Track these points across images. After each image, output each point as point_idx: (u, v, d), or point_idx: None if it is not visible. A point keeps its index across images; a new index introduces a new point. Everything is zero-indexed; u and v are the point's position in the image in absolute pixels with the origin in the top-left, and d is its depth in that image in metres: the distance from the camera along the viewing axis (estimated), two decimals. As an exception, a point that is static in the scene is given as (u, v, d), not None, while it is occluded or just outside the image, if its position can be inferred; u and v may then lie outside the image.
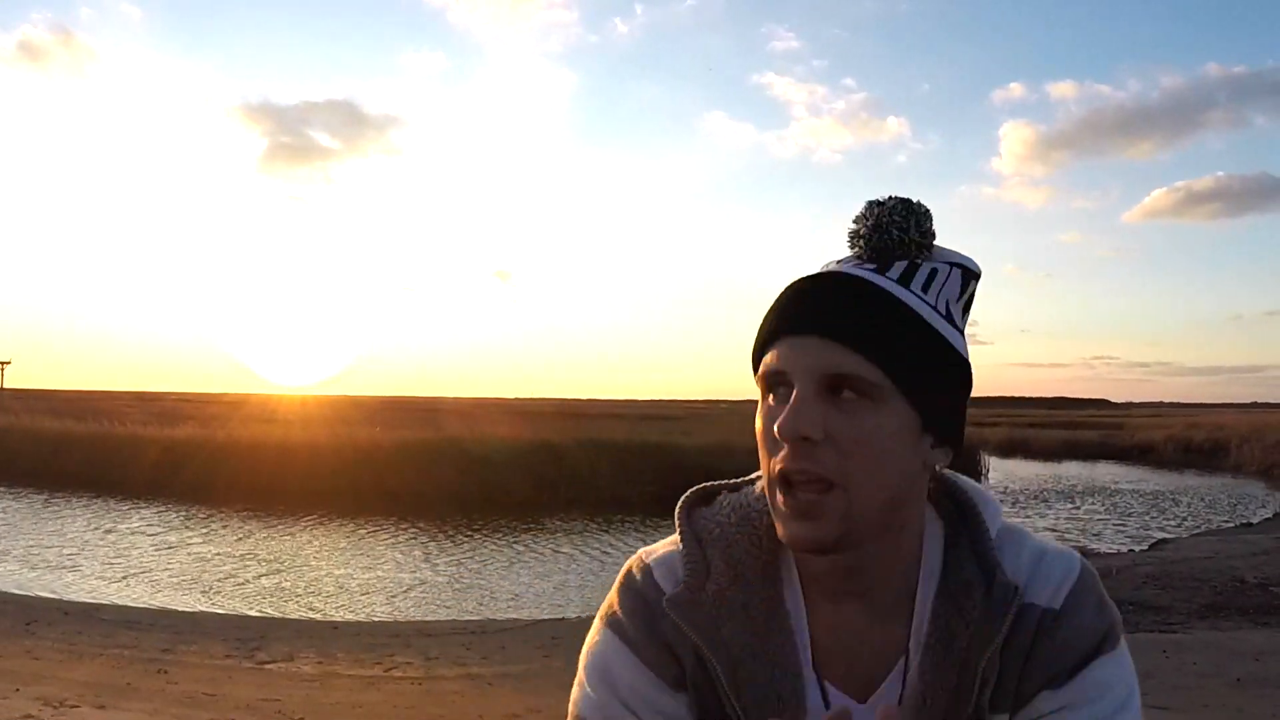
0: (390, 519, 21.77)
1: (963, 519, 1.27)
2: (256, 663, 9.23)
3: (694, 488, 1.35)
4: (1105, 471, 41.55)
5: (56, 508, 22.78)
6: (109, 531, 19.62)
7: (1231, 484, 35.26)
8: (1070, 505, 28.44)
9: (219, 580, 15.11)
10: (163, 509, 22.87)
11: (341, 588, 14.82)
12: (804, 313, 1.14)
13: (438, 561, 17.09)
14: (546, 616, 12.74)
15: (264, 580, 15.25)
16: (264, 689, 7.94)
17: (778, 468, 1.13)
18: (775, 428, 1.12)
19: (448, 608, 13.63)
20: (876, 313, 1.11)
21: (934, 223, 1.22)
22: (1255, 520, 23.91)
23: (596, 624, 1.34)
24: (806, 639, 1.21)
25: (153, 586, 14.61)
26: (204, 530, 20.15)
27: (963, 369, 1.17)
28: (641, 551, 1.33)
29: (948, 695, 1.15)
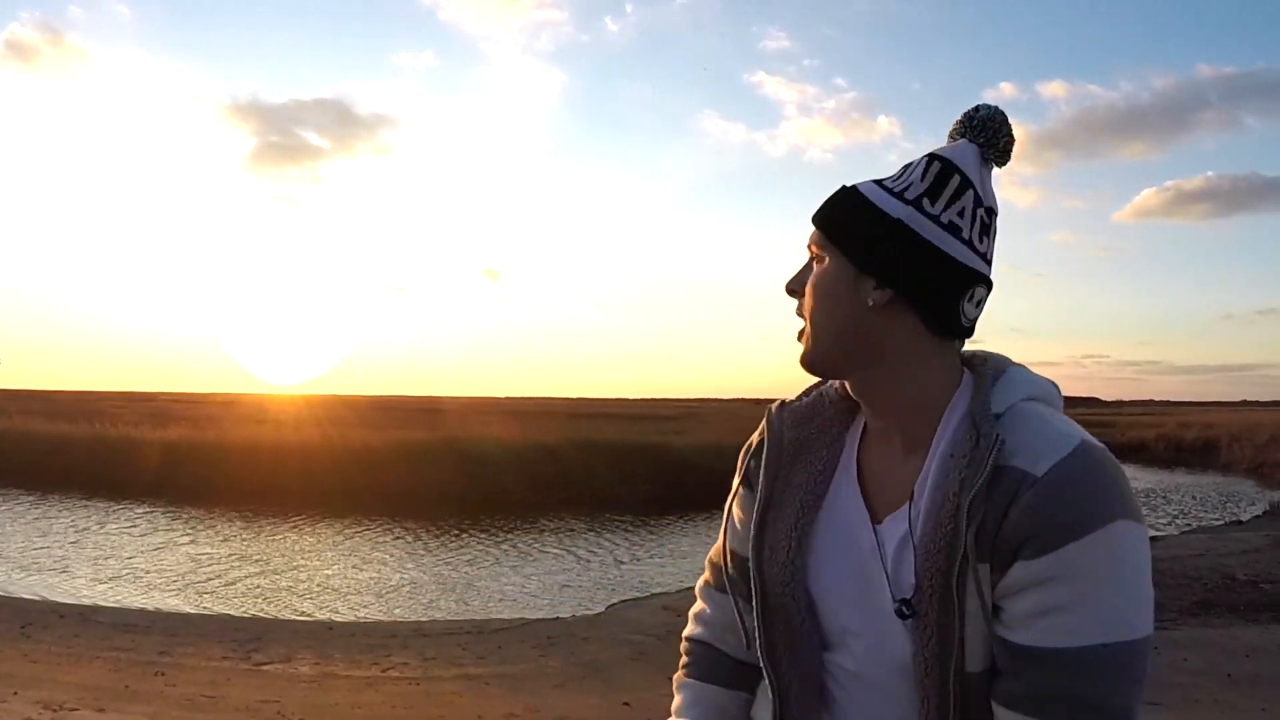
0: (384, 519, 21.80)
1: (979, 382, 1.42)
2: (254, 664, 9.26)
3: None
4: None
5: (49, 509, 22.76)
6: (101, 533, 19.61)
7: (1221, 482, 35.39)
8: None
9: (213, 581, 15.12)
10: (156, 510, 22.87)
11: (337, 588, 14.84)
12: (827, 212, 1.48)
13: (431, 562, 17.12)
14: (541, 616, 12.78)
15: (259, 581, 15.26)
16: (262, 690, 7.98)
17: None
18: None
19: (443, 608, 13.66)
20: (833, 200, 1.46)
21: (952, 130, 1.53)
22: (1245, 518, 24.00)
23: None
24: (854, 467, 1.49)
25: (147, 588, 14.61)
26: (197, 531, 20.15)
27: (897, 230, 1.39)
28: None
29: (943, 532, 1.28)
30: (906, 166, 1.46)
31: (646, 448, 29.28)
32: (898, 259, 1.38)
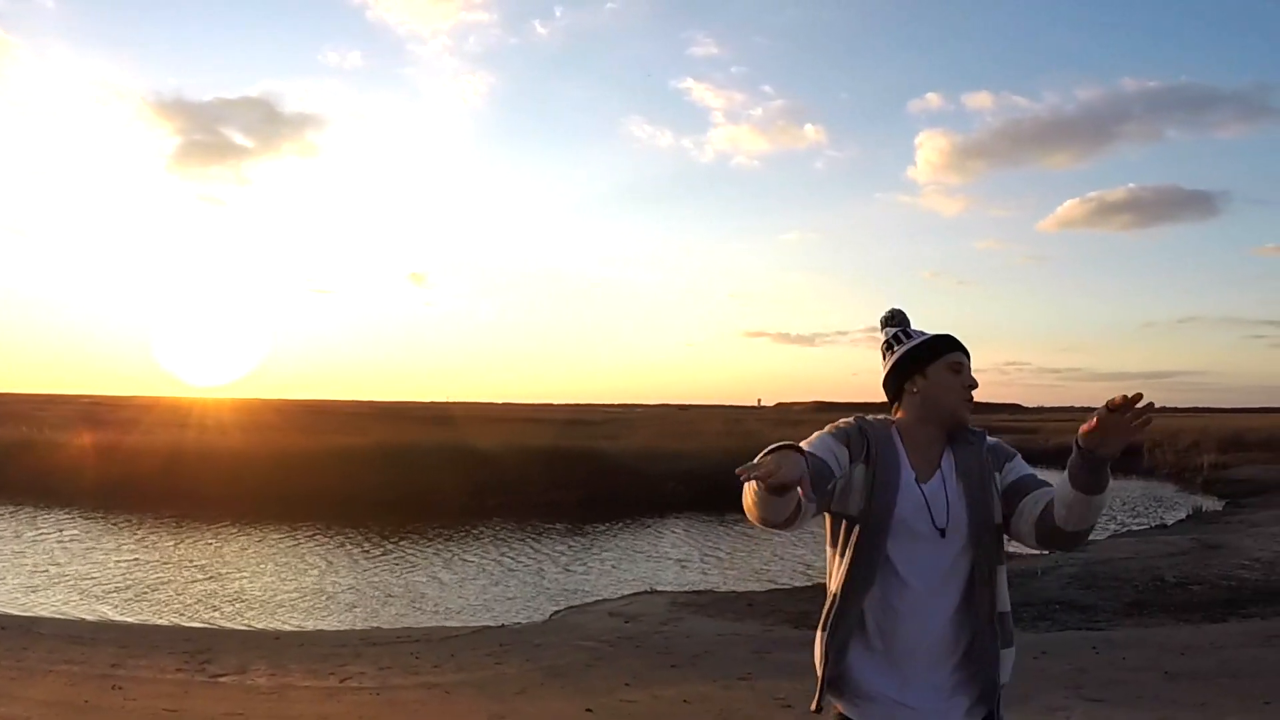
0: (318, 525, 21.71)
1: None
2: (210, 676, 9.23)
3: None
4: (1023, 474, 42.29)
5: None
6: (30, 540, 19.37)
7: (1145, 486, 36.03)
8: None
9: (154, 590, 15.01)
10: (85, 516, 22.61)
11: (278, 597, 14.80)
12: (957, 343, 2.90)
13: (369, 569, 17.10)
14: (488, 624, 12.83)
15: (200, 590, 15.17)
16: (224, 703, 7.97)
17: (968, 392, 2.84)
18: (969, 384, 2.84)
19: (387, 616, 13.68)
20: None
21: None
22: (1170, 522, 24.52)
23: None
24: (905, 456, 2.75)
25: (86, 597, 14.47)
26: (129, 538, 19.95)
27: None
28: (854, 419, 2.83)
29: (975, 472, 2.71)
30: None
31: (579, 453, 29.26)
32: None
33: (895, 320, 2.93)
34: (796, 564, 18.75)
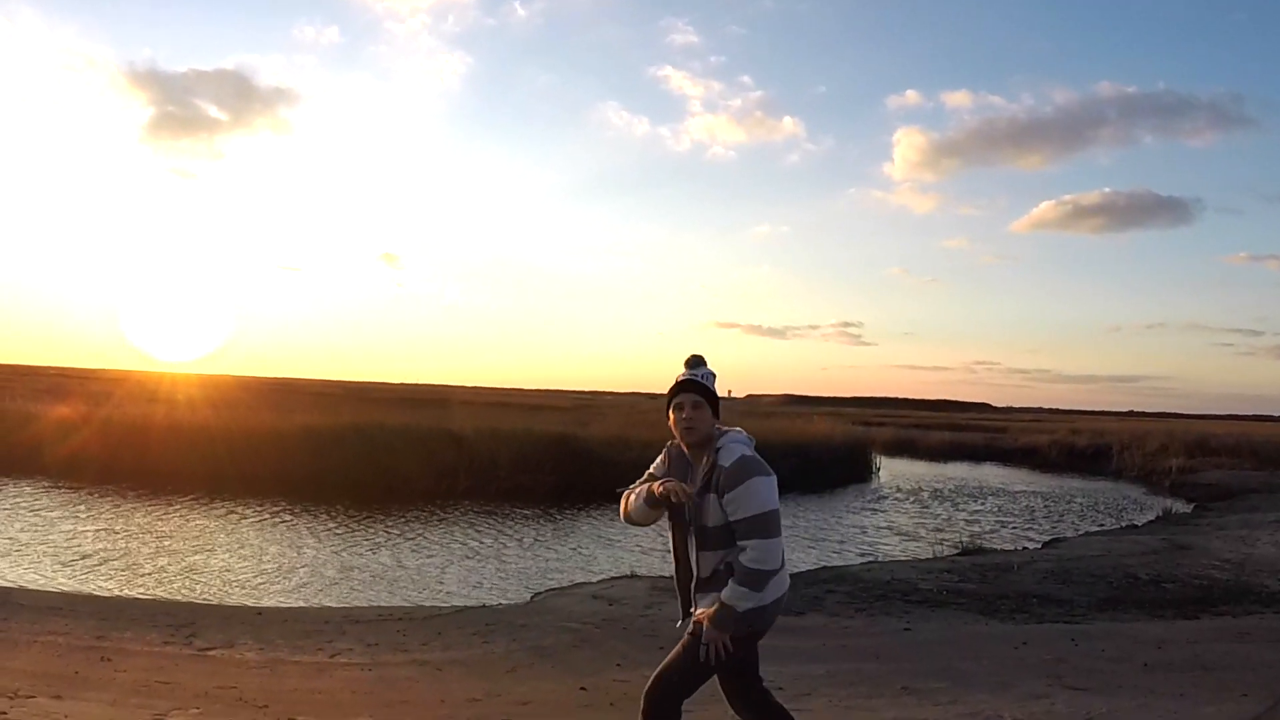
0: (289, 503, 21.71)
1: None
2: (197, 650, 9.25)
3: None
4: (992, 473, 42.68)
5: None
6: (2, 513, 19.27)
7: (1114, 487, 36.42)
8: (963, 505, 29.26)
9: (128, 564, 14.96)
10: (55, 488, 22.50)
11: (255, 573, 14.79)
12: (686, 387, 4.18)
13: (343, 548, 17.11)
14: (470, 604, 12.88)
15: (174, 563, 15.15)
16: (215, 677, 7.99)
17: (683, 426, 4.15)
18: (681, 421, 4.16)
19: (366, 594, 13.71)
20: (698, 386, 4.17)
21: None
22: (1140, 522, 24.84)
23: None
24: (693, 469, 4.19)
25: (61, 568, 14.42)
26: (101, 511, 19.88)
27: (716, 397, 4.20)
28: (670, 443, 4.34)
29: (707, 486, 4.02)
30: (706, 373, 4.21)
31: (550, 438, 29.12)
32: (718, 406, 4.21)
33: (691, 364, 4.24)
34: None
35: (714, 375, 4.24)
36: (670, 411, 4.19)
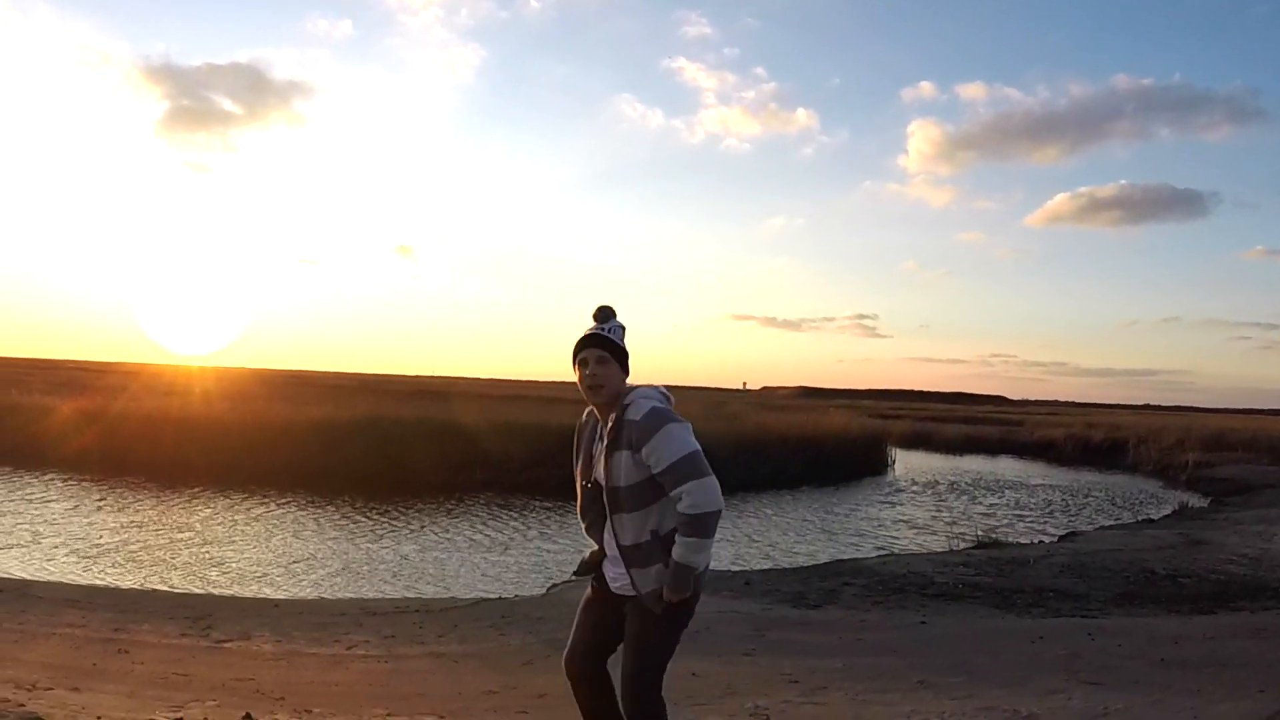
0: (303, 496, 21.81)
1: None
2: (214, 641, 9.29)
3: None
4: (1007, 466, 42.60)
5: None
6: (16, 505, 19.36)
7: (1129, 481, 36.34)
8: (979, 498, 29.20)
9: (144, 555, 15.06)
10: (72, 481, 22.61)
11: (271, 566, 14.86)
12: (589, 342, 3.88)
13: (358, 540, 17.17)
14: (486, 596, 12.91)
15: (190, 555, 15.23)
16: (232, 669, 8.02)
17: (587, 383, 3.86)
18: (585, 378, 3.87)
19: (383, 586, 13.76)
20: (602, 340, 3.88)
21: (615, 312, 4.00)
22: (1156, 516, 24.78)
23: None
24: (602, 429, 3.93)
25: (78, 561, 14.52)
26: (117, 503, 19.99)
27: (624, 351, 3.91)
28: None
29: (617, 443, 3.77)
30: (614, 326, 3.93)
31: (565, 430, 29.06)
32: (626, 361, 3.92)
33: (599, 317, 3.96)
34: (790, 545, 18.90)
35: (623, 328, 3.97)
36: (575, 368, 3.91)
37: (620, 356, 3.88)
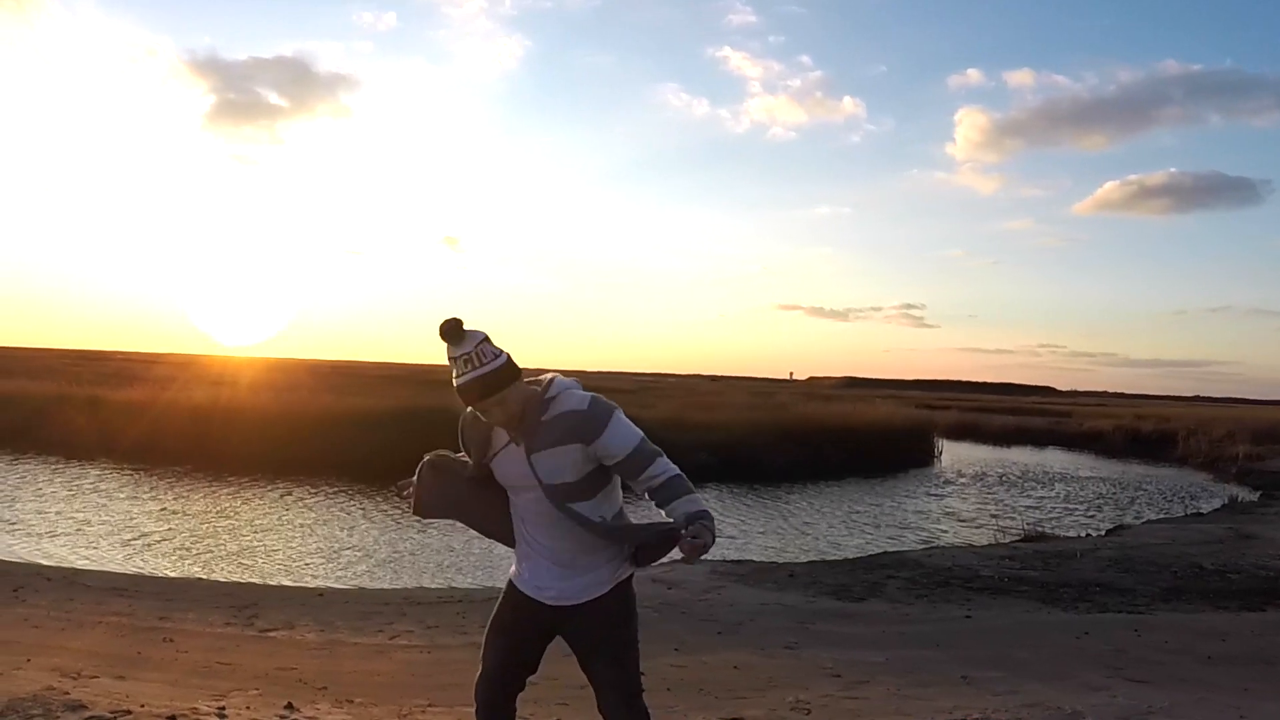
0: (350, 485, 21.93)
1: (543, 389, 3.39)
2: (258, 631, 9.36)
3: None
4: (1055, 458, 42.27)
5: (14, 471, 22.67)
6: (68, 494, 19.58)
7: (1178, 475, 35.93)
8: (1026, 490, 28.99)
9: (191, 545, 15.20)
10: (123, 471, 22.84)
11: (317, 555, 14.96)
12: (475, 394, 3.28)
13: (402, 528, 17.22)
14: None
15: (237, 545, 15.35)
16: (275, 658, 8.08)
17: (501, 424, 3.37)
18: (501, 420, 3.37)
19: (426, 576, 13.81)
20: (487, 381, 3.26)
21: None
22: (1205, 510, 24.47)
23: None
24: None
25: (125, 550, 14.66)
26: (165, 494, 20.18)
27: (505, 366, 3.27)
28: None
29: (557, 439, 3.30)
30: (483, 351, 3.25)
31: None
32: (513, 367, 3.30)
33: (451, 338, 3.31)
34: (835, 536, 18.85)
35: (483, 338, 3.30)
36: (474, 408, 3.34)
37: (507, 376, 3.27)
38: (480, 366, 3.23)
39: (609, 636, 3.51)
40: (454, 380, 3.28)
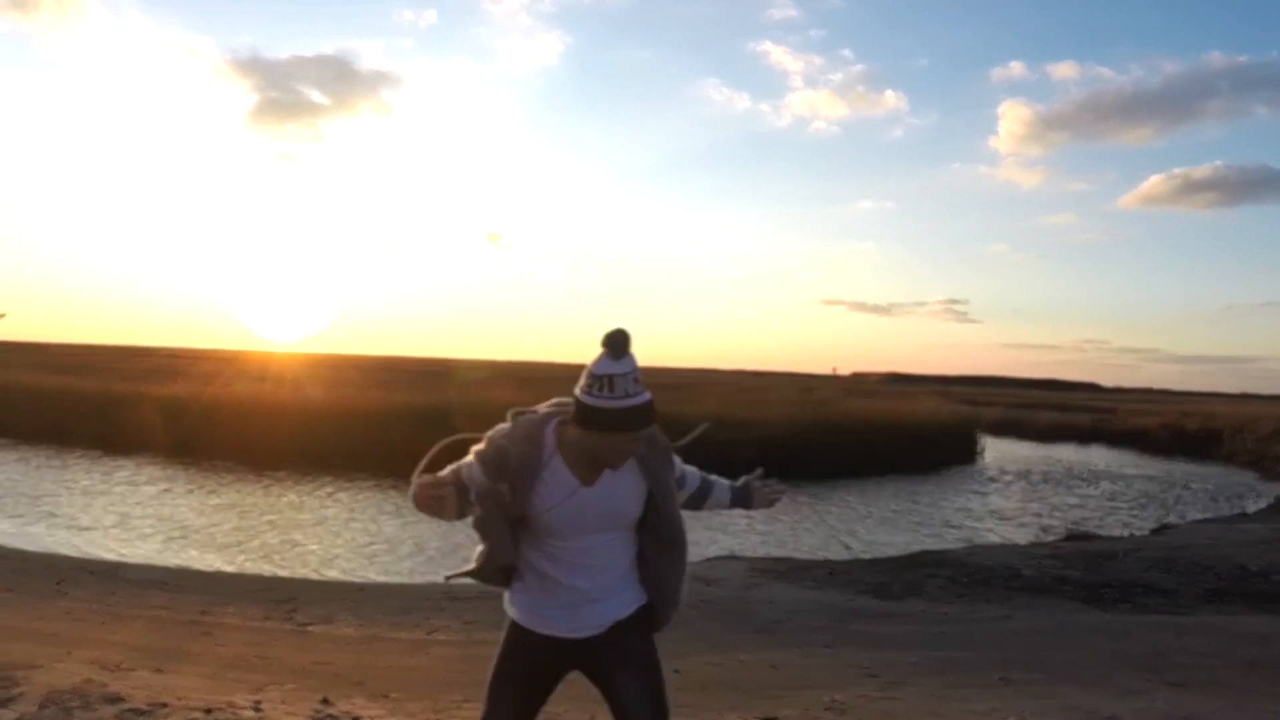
0: (394, 480, 21.96)
1: None
2: (297, 625, 9.43)
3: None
4: (1099, 455, 41.93)
5: (55, 463, 22.96)
6: (112, 488, 19.80)
7: (1224, 473, 35.55)
8: (1070, 488, 28.77)
9: (233, 539, 15.32)
10: (165, 466, 23.07)
11: (358, 550, 15.04)
12: (639, 421, 2.96)
13: (445, 525, 17.19)
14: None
15: (279, 539, 15.46)
16: (313, 652, 8.14)
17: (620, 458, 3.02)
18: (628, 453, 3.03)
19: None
20: (648, 415, 2.96)
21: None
22: (1251, 510, 24.23)
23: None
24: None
25: (168, 544, 14.81)
26: (209, 488, 20.35)
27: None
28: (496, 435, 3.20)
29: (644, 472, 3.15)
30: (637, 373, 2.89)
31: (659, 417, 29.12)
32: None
33: (618, 350, 2.93)
34: (875, 534, 18.77)
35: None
36: (596, 433, 2.93)
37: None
38: (644, 391, 2.92)
39: (644, 660, 3.25)
40: (606, 400, 2.88)
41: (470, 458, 3.21)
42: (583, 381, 2.93)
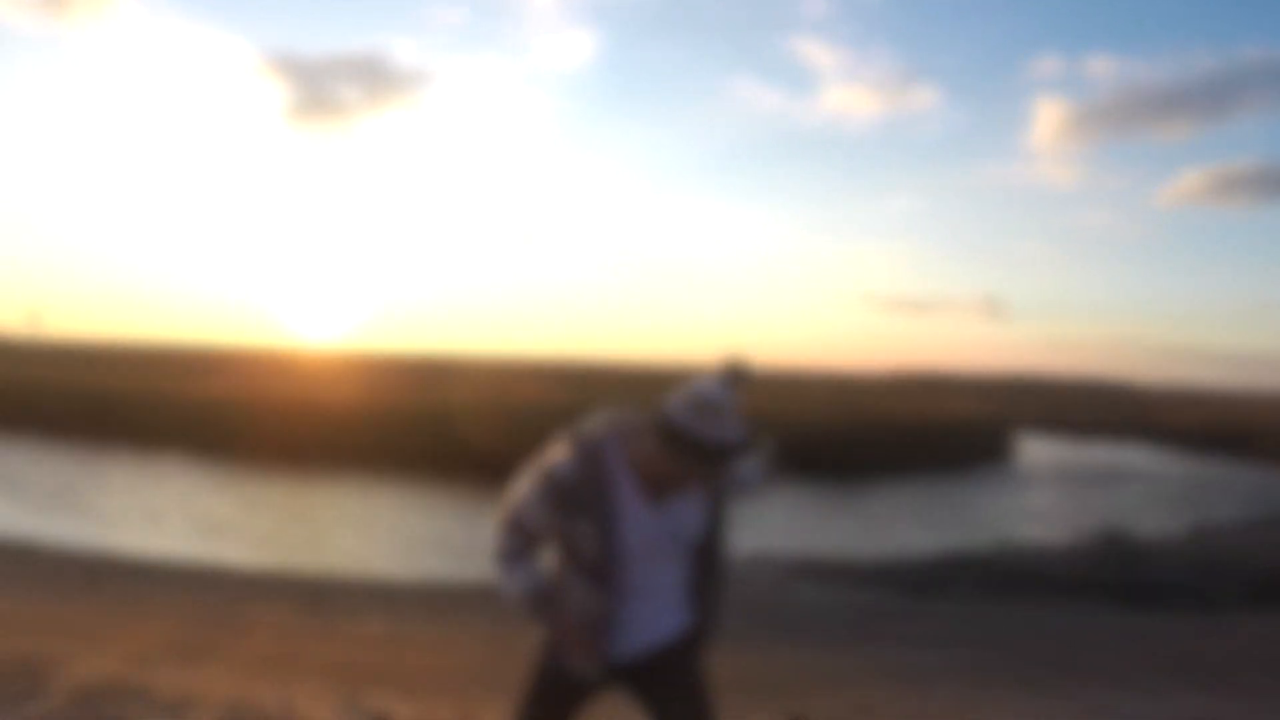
0: (426, 479, 22.06)
1: None
2: (325, 621, 9.45)
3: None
4: (1135, 454, 41.60)
5: (95, 461, 23.12)
6: (145, 484, 19.94)
7: (1262, 473, 35.22)
8: (1104, 488, 28.58)
9: (267, 536, 15.39)
10: (199, 463, 23.19)
11: (387, 546, 15.11)
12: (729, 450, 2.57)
13: (476, 523, 17.28)
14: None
15: (312, 537, 15.54)
16: (340, 649, 8.15)
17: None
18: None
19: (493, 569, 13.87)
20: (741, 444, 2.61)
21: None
22: (1293, 511, 23.96)
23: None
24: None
25: (201, 540, 14.89)
26: (243, 485, 20.48)
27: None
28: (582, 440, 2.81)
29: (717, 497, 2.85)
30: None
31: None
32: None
33: (734, 379, 2.68)
34: (908, 534, 18.70)
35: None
36: (681, 458, 2.59)
37: None
38: (743, 428, 2.64)
39: (697, 682, 2.90)
40: (707, 429, 2.59)
41: (526, 491, 2.81)
42: (683, 399, 2.62)
